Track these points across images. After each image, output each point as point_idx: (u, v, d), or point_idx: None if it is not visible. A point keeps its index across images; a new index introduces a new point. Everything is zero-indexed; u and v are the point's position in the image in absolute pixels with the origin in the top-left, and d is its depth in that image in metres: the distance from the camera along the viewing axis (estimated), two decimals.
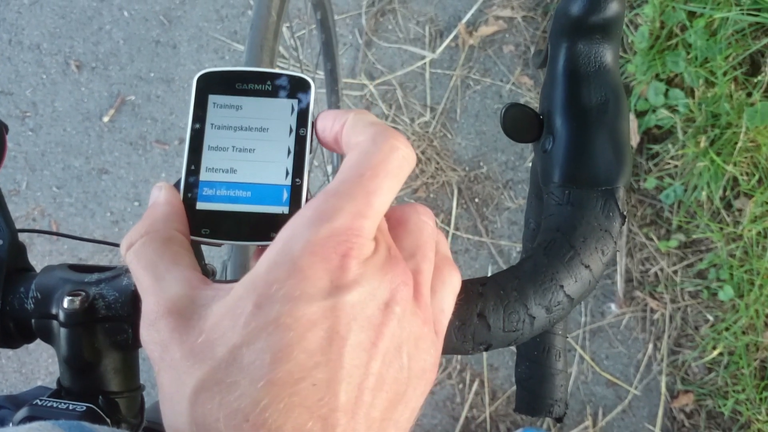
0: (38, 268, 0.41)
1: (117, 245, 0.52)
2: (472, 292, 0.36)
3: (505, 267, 1.59)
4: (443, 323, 0.32)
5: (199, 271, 0.30)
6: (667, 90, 1.54)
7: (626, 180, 0.38)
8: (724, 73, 1.48)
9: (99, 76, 1.70)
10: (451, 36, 1.71)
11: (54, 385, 0.40)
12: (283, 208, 0.34)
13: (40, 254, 1.58)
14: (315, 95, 0.36)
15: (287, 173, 0.35)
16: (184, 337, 0.27)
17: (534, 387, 0.46)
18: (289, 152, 0.35)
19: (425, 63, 1.70)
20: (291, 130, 0.35)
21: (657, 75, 1.55)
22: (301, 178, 0.35)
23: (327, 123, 0.34)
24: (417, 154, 1.66)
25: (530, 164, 1.64)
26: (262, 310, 0.26)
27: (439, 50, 1.71)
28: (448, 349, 0.35)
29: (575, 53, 0.39)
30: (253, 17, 0.84)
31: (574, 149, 0.38)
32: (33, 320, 0.39)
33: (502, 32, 1.71)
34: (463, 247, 1.60)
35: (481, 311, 0.35)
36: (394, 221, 0.31)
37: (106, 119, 1.67)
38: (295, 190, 0.34)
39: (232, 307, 0.27)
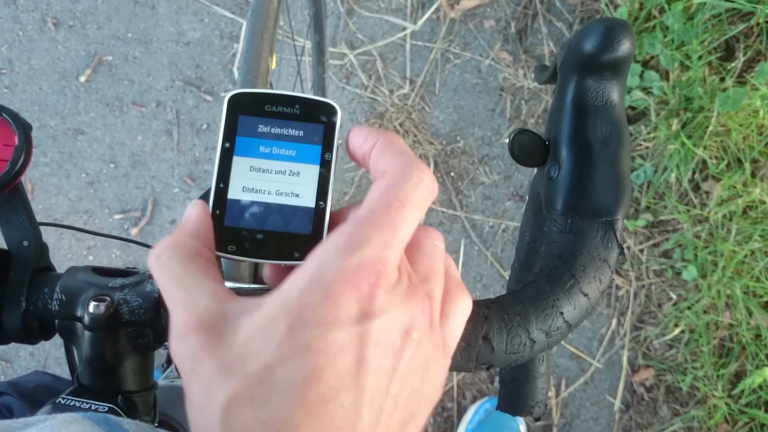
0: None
1: (139, 243, 0.54)
2: (478, 314, 0.37)
3: (477, 241, 1.62)
4: (453, 347, 0.34)
5: (224, 285, 0.31)
6: (642, 72, 1.55)
7: (625, 212, 0.40)
8: (699, 57, 1.50)
9: (76, 35, 1.67)
10: (433, 8, 1.70)
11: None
12: (306, 230, 0.36)
13: None
14: (341, 120, 0.37)
15: (312, 196, 0.36)
16: (215, 351, 0.28)
17: (517, 388, 0.48)
18: (314, 175, 0.36)
19: (406, 34, 1.70)
20: (317, 154, 0.36)
21: (633, 56, 1.56)
22: (325, 201, 0.36)
23: (357, 140, 0.35)
24: (395, 126, 1.67)
25: (506, 141, 1.65)
26: (294, 332, 0.27)
27: (421, 22, 1.70)
28: (453, 367, 0.37)
29: (584, 87, 0.40)
30: (253, 3, 0.82)
31: (577, 180, 0.40)
32: (56, 321, 0.40)
33: (483, 6, 1.71)
34: (438, 221, 1.62)
35: (486, 334, 0.37)
36: (410, 243, 0.33)
37: (82, 79, 1.65)
38: (319, 213, 0.36)
39: (263, 326, 0.28)
